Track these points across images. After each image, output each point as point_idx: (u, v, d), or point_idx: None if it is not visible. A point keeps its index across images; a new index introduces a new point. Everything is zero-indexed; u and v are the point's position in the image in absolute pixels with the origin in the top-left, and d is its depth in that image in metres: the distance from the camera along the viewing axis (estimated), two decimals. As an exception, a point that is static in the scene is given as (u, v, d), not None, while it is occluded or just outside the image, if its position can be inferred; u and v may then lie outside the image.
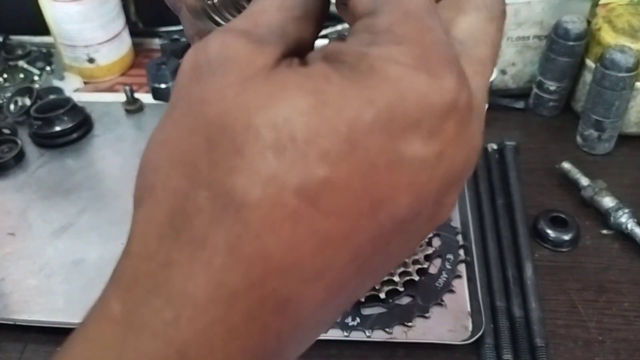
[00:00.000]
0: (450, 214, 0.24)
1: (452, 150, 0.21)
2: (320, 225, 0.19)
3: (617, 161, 0.74)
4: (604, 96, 0.69)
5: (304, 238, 0.19)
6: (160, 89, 0.83)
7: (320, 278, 0.20)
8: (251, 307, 0.19)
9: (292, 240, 0.19)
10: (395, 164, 0.20)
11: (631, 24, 0.73)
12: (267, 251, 0.19)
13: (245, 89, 0.20)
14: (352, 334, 0.55)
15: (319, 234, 0.20)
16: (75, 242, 0.63)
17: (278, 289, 0.20)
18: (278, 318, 0.20)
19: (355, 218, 0.20)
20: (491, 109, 0.78)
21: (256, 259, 0.19)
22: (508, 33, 0.78)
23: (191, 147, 0.20)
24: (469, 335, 0.54)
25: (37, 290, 0.60)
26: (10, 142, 0.77)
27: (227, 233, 0.19)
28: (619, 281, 0.60)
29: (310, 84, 0.20)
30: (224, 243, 0.19)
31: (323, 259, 0.20)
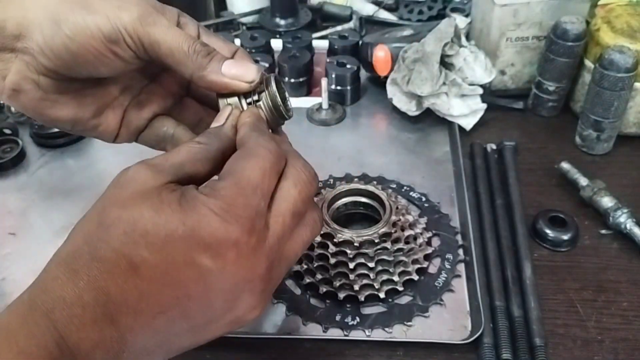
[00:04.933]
0: (255, 315, 0.40)
1: (233, 268, 0.37)
2: (139, 284, 0.35)
3: (616, 161, 0.74)
4: (603, 96, 0.70)
5: (129, 288, 0.35)
6: (160, 90, 0.83)
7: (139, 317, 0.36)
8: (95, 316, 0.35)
9: (122, 288, 0.35)
10: (190, 264, 0.36)
11: (630, 24, 0.73)
12: (108, 289, 0.35)
13: (132, 198, 0.36)
14: (352, 333, 0.55)
15: (138, 289, 0.35)
16: (76, 242, 0.63)
17: (112, 312, 0.35)
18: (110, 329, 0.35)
19: (161, 286, 0.36)
20: (490, 109, 0.79)
21: (103, 290, 0.35)
22: (507, 34, 0.79)
23: (91, 221, 0.37)
24: (468, 334, 0.54)
25: (38, 289, 0.60)
26: (11, 143, 0.77)
27: (90, 272, 0.35)
28: (617, 281, 0.60)
29: (159, 204, 0.36)
30: (86, 277, 0.35)
31: (140, 304, 0.36)
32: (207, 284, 0.36)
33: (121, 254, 0.35)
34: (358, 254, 0.56)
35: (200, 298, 0.37)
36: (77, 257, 0.35)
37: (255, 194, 0.38)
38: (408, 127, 0.79)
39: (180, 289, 0.36)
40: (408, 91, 0.76)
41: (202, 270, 0.36)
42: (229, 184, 0.37)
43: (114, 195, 0.37)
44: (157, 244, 0.35)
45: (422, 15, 1.01)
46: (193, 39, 0.43)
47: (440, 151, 0.75)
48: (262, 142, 0.40)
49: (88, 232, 0.36)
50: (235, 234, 0.36)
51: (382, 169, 0.72)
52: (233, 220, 0.36)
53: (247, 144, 0.41)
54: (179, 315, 0.37)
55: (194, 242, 0.36)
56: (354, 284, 0.56)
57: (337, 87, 0.82)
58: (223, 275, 0.37)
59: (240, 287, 0.38)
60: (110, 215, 0.36)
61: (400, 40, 0.82)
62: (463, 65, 0.76)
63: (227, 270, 0.37)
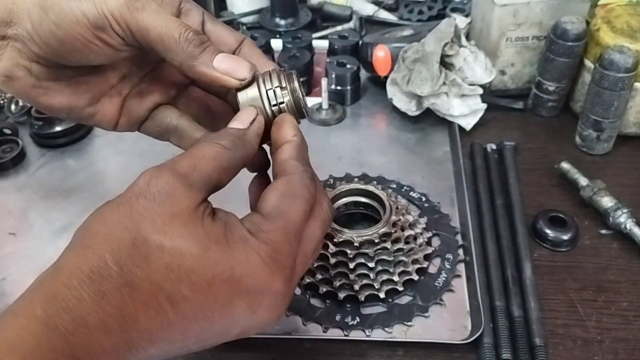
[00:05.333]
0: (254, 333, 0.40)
1: (264, 312, 0.37)
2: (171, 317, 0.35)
3: (616, 161, 0.74)
4: (603, 96, 0.70)
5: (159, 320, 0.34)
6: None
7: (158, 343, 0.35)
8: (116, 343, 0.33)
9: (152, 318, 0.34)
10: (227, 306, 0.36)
11: (630, 24, 0.73)
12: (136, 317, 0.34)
13: (170, 222, 0.35)
14: (352, 333, 0.55)
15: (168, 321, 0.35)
16: (76, 242, 0.63)
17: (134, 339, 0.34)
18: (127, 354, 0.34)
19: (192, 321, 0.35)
20: (490, 110, 0.79)
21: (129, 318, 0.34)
22: (507, 34, 0.78)
23: (122, 238, 0.34)
24: (468, 334, 0.54)
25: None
26: (11, 142, 0.77)
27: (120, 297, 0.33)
28: (617, 281, 0.60)
29: (206, 240, 0.35)
30: (115, 302, 0.33)
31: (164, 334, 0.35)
32: (234, 322, 0.37)
33: (160, 288, 0.34)
34: (358, 254, 0.56)
35: (221, 330, 0.37)
36: (104, 277, 0.33)
37: (296, 238, 0.38)
38: (408, 127, 0.79)
39: (208, 323, 0.36)
40: (408, 91, 0.76)
41: (235, 312, 0.36)
42: (277, 229, 0.37)
43: (147, 210, 0.35)
44: (201, 285, 0.34)
45: (422, 15, 1.01)
46: (186, 27, 0.41)
47: (440, 151, 0.75)
48: (307, 181, 0.40)
49: (118, 251, 0.34)
50: (277, 285, 0.37)
51: (382, 169, 0.72)
52: (278, 272, 0.37)
53: (292, 179, 0.40)
54: (195, 341, 0.37)
55: (237, 288, 0.36)
56: (354, 284, 0.56)
57: (337, 87, 0.82)
58: (251, 317, 0.37)
59: (259, 324, 0.39)
60: (149, 240, 0.34)
61: (400, 40, 0.82)
62: (463, 65, 0.76)
63: (255, 314, 0.37)
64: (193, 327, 0.36)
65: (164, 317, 0.34)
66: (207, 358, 0.54)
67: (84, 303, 0.33)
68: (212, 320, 0.36)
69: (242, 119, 0.42)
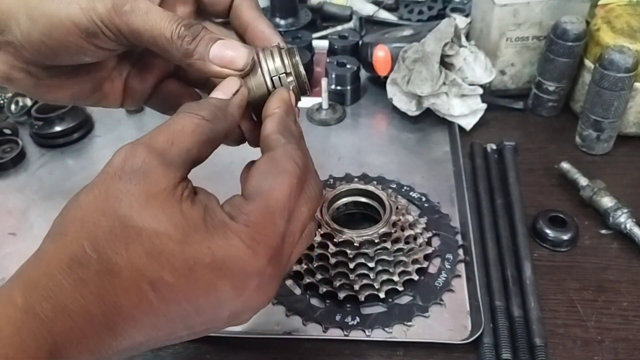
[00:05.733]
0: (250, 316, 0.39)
1: (251, 294, 0.36)
2: (155, 303, 0.34)
3: (615, 161, 0.74)
4: (603, 96, 0.70)
5: (142, 304, 0.34)
6: (160, 90, 0.83)
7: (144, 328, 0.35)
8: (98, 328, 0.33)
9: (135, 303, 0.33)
10: (211, 290, 0.35)
11: (630, 24, 0.73)
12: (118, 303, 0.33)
13: (147, 205, 0.33)
14: (352, 333, 0.55)
15: (152, 307, 0.34)
16: (76, 242, 0.63)
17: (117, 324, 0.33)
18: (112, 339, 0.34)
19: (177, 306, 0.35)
20: (490, 109, 0.79)
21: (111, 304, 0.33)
22: (507, 34, 0.78)
23: (99, 224, 0.33)
24: (468, 334, 0.54)
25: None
26: (11, 142, 0.77)
27: (100, 284, 0.33)
28: (617, 281, 0.60)
29: (185, 226, 0.34)
30: (96, 289, 0.33)
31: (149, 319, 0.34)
32: (220, 306, 0.36)
33: (141, 274, 0.33)
34: (358, 254, 0.56)
35: (209, 315, 0.36)
36: (84, 264, 0.33)
37: (282, 217, 0.37)
38: (408, 127, 0.79)
39: (193, 308, 0.35)
40: (408, 91, 0.76)
41: (221, 296, 0.35)
42: (258, 209, 0.36)
43: (123, 193, 0.33)
44: (183, 271, 0.34)
45: (422, 15, 1.01)
46: (177, 22, 0.40)
47: (440, 151, 0.75)
48: (292, 152, 0.38)
49: (96, 238, 0.33)
50: (261, 265, 0.36)
51: (382, 169, 0.72)
52: (263, 253, 0.36)
53: (276, 153, 0.38)
54: (182, 327, 0.36)
55: (220, 272, 0.35)
56: (354, 284, 0.56)
57: (337, 87, 0.82)
58: (239, 300, 0.36)
59: (250, 306, 0.38)
60: (127, 226, 0.33)
61: (400, 40, 0.82)
62: (463, 65, 0.76)
63: (242, 296, 0.36)
64: (178, 312, 0.35)
65: (147, 303, 0.34)
66: (207, 358, 0.54)
67: (64, 291, 0.32)
68: (197, 305, 0.35)
69: (224, 89, 0.40)
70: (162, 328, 0.35)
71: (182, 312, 0.35)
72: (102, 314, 0.33)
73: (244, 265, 0.35)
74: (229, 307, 0.36)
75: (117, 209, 0.33)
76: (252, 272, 0.35)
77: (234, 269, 0.35)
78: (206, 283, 0.34)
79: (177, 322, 0.35)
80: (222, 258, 0.34)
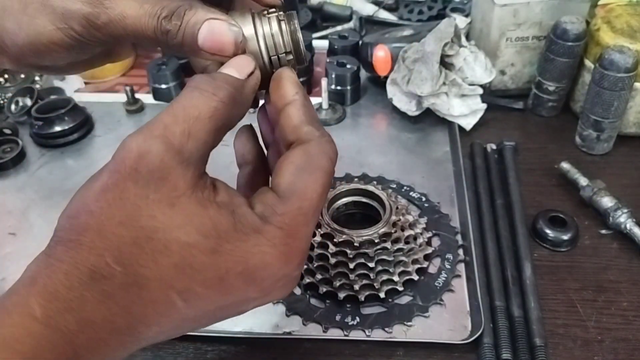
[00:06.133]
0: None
1: (277, 293, 0.36)
2: (184, 311, 0.33)
3: (615, 161, 0.74)
4: (603, 96, 0.70)
5: (171, 313, 0.33)
6: (160, 89, 0.83)
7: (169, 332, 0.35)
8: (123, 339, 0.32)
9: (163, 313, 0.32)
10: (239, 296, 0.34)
11: (630, 24, 0.73)
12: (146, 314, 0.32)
13: (171, 215, 0.31)
14: (352, 333, 0.55)
15: (181, 315, 0.33)
16: (76, 242, 0.63)
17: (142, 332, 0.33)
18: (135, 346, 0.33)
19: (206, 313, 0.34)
20: (490, 110, 0.79)
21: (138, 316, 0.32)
22: (507, 34, 0.78)
23: (119, 235, 0.31)
24: (468, 334, 0.54)
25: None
26: (11, 142, 0.77)
27: (127, 296, 0.31)
28: (617, 281, 0.60)
29: (215, 236, 0.32)
30: (122, 301, 0.31)
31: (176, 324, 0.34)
32: (246, 305, 0.36)
33: (170, 286, 0.32)
34: (358, 254, 0.56)
35: (232, 312, 0.36)
36: (107, 277, 0.31)
37: (314, 218, 0.35)
38: (408, 127, 0.79)
39: (219, 310, 0.35)
40: (408, 91, 0.76)
41: (249, 299, 0.35)
42: (293, 210, 0.34)
43: (142, 200, 0.31)
44: (214, 281, 0.33)
45: (422, 15, 1.01)
46: (156, 17, 0.37)
47: (440, 151, 0.75)
48: (326, 147, 0.36)
49: (119, 251, 0.31)
50: (292, 270, 0.35)
51: (382, 169, 0.72)
52: (294, 257, 0.35)
53: (311, 148, 0.36)
54: (205, 323, 0.36)
55: (251, 279, 0.34)
56: (354, 284, 0.56)
57: (337, 87, 0.82)
58: (265, 299, 0.36)
59: (271, 300, 0.38)
60: (153, 239, 0.31)
61: (400, 40, 0.82)
62: (463, 65, 0.76)
63: (271, 295, 0.36)
64: (204, 314, 0.35)
65: (175, 311, 0.33)
66: (207, 358, 0.54)
67: (88, 304, 0.31)
68: (226, 309, 0.35)
69: (239, 68, 0.36)
70: (185, 327, 0.35)
71: (209, 314, 0.35)
72: (127, 325, 0.32)
73: (276, 271, 0.34)
74: (254, 305, 0.36)
75: (138, 220, 0.31)
76: (283, 277, 0.35)
77: (265, 275, 0.34)
78: (236, 290, 0.34)
79: (201, 321, 0.36)
80: (255, 266, 0.33)
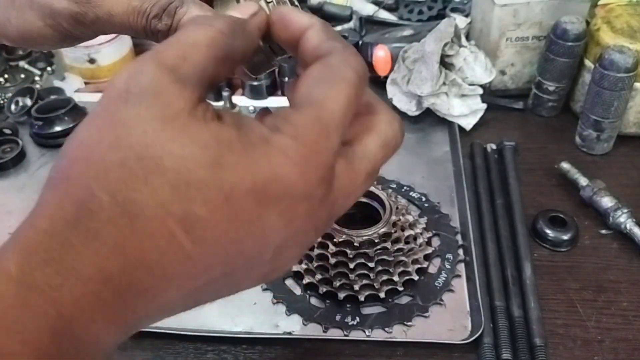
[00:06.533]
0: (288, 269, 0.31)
1: (298, 223, 0.29)
2: (187, 246, 0.27)
3: (616, 161, 0.74)
4: (603, 96, 0.70)
5: (172, 251, 0.27)
6: (160, 90, 0.83)
7: (176, 279, 0.27)
8: (118, 288, 0.26)
9: (163, 250, 0.26)
10: (254, 222, 0.28)
11: (630, 24, 0.73)
12: (143, 252, 0.26)
13: (164, 129, 0.26)
14: (352, 333, 0.55)
15: (184, 251, 0.27)
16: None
17: (143, 280, 0.26)
18: (136, 299, 0.27)
19: (214, 246, 0.27)
20: (490, 109, 0.79)
21: (133, 255, 0.26)
22: (507, 34, 0.78)
23: (107, 159, 0.26)
24: (468, 334, 0.54)
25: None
26: (11, 143, 0.77)
27: (117, 232, 0.26)
28: (617, 281, 0.60)
29: (216, 147, 0.27)
30: (113, 239, 0.26)
31: (182, 267, 0.27)
32: (264, 240, 0.29)
33: (167, 212, 0.26)
34: (358, 254, 0.56)
35: (252, 253, 0.29)
36: (94, 210, 0.26)
37: (337, 131, 0.30)
38: (408, 127, 0.79)
39: (234, 247, 0.28)
40: (408, 91, 0.76)
41: (266, 227, 0.28)
42: (309, 119, 0.29)
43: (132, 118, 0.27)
44: (218, 201, 0.27)
45: (422, 15, 1.01)
46: (145, 17, 0.36)
47: (440, 151, 0.75)
48: (350, 58, 0.31)
49: (106, 176, 0.26)
50: (311, 185, 0.29)
51: (382, 169, 0.72)
52: (313, 170, 0.28)
53: (331, 59, 0.31)
54: (221, 274, 0.29)
55: (263, 198, 0.27)
56: (354, 284, 0.56)
57: (337, 87, 0.82)
58: (285, 231, 0.29)
59: (297, 240, 0.30)
60: (144, 157, 0.26)
61: (400, 40, 0.82)
62: (463, 65, 0.76)
63: (291, 225, 0.29)
64: (216, 253, 0.28)
65: (178, 247, 0.27)
66: (207, 358, 0.54)
67: (72, 250, 0.25)
68: (239, 242, 0.28)
69: (241, 9, 0.34)
70: (198, 277, 0.28)
71: (221, 253, 0.28)
72: (121, 270, 0.26)
73: (291, 186, 0.28)
74: (275, 241, 0.29)
75: (127, 139, 0.26)
76: (300, 194, 0.28)
77: (279, 192, 0.28)
78: (247, 213, 0.27)
79: (215, 268, 0.28)
80: (265, 180, 0.27)
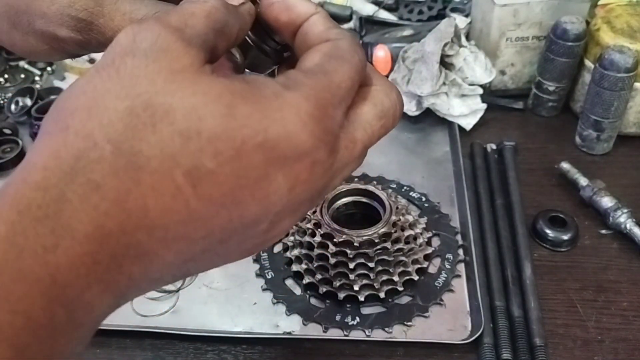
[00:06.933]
0: (277, 239, 0.32)
1: (300, 189, 0.28)
2: (193, 203, 0.25)
3: (615, 161, 0.74)
4: (603, 96, 0.70)
5: (177, 208, 0.25)
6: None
7: (176, 243, 0.26)
8: (116, 250, 0.24)
9: (167, 207, 0.25)
10: (261, 181, 0.26)
11: (630, 24, 0.73)
12: (145, 209, 0.24)
13: (173, 80, 0.25)
14: (352, 333, 0.55)
15: (189, 209, 0.25)
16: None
17: (142, 242, 0.25)
18: (133, 263, 0.25)
19: (219, 207, 0.26)
20: (490, 109, 0.79)
21: (135, 213, 0.24)
22: (507, 34, 0.78)
23: (113, 108, 0.25)
24: (468, 334, 0.54)
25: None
26: (11, 143, 0.77)
27: (119, 185, 0.24)
28: (617, 281, 0.60)
29: (229, 96, 0.26)
30: (114, 193, 0.24)
31: (184, 229, 0.26)
32: (267, 205, 0.28)
33: (175, 163, 0.24)
34: (358, 254, 0.56)
35: (250, 220, 0.28)
36: (95, 161, 0.24)
37: (341, 104, 0.30)
38: (408, 127, 0.79)
39: (237, 211, 0.27)
40: (408, 91, 0.76)
41: (270, 190, 0.27)
42: (321, 85, 0.29)
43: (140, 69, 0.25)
44: (228, 154, 0.25)
45: (422, 15, 1.01)
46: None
47: (440, 151, 0.75)
48: (357, 49, 0.32)
49: (111, 124, 0.24)
50: (318, 151, 0.28)
51: (382, 169, 0.72)
52: (322, 135, 0.28)
53: (340, 43, 0.32)
54: (218, 241, 0.28)
55: (273, 155, 0.26)
56: (354, 284, 0.56)
57: (337, 87, 0.82)
58: (287, 197, 0.28)
59: (293, 209, 0.30)
60: (153, 104, 0.25)
61: (400, 40, 0.82)
62: (463, 65, 0.76)
63: (293, 191, 0.28)
64: (220, 215, 0.26)
65: (183, 204, 0.25)
66: (207, 358, 0.54)
67: (68, 205, 0.23)
68: (242, 204, 0.27)
69: None
70: (197, 242, 0.27)
71: (224, 215, 0.27)
72: (120, 229, 0.24)
73: (300, 147, 0.27)
74: (276, 208, 0.28)
75: (134, 88, 0.25)
76: (306, 158, 0.28)
77: (287, 151, 0.27)
78: (257, 171, 0.26)
79: (215, 234, 0.27)
80: (276, 136, 0.26)
